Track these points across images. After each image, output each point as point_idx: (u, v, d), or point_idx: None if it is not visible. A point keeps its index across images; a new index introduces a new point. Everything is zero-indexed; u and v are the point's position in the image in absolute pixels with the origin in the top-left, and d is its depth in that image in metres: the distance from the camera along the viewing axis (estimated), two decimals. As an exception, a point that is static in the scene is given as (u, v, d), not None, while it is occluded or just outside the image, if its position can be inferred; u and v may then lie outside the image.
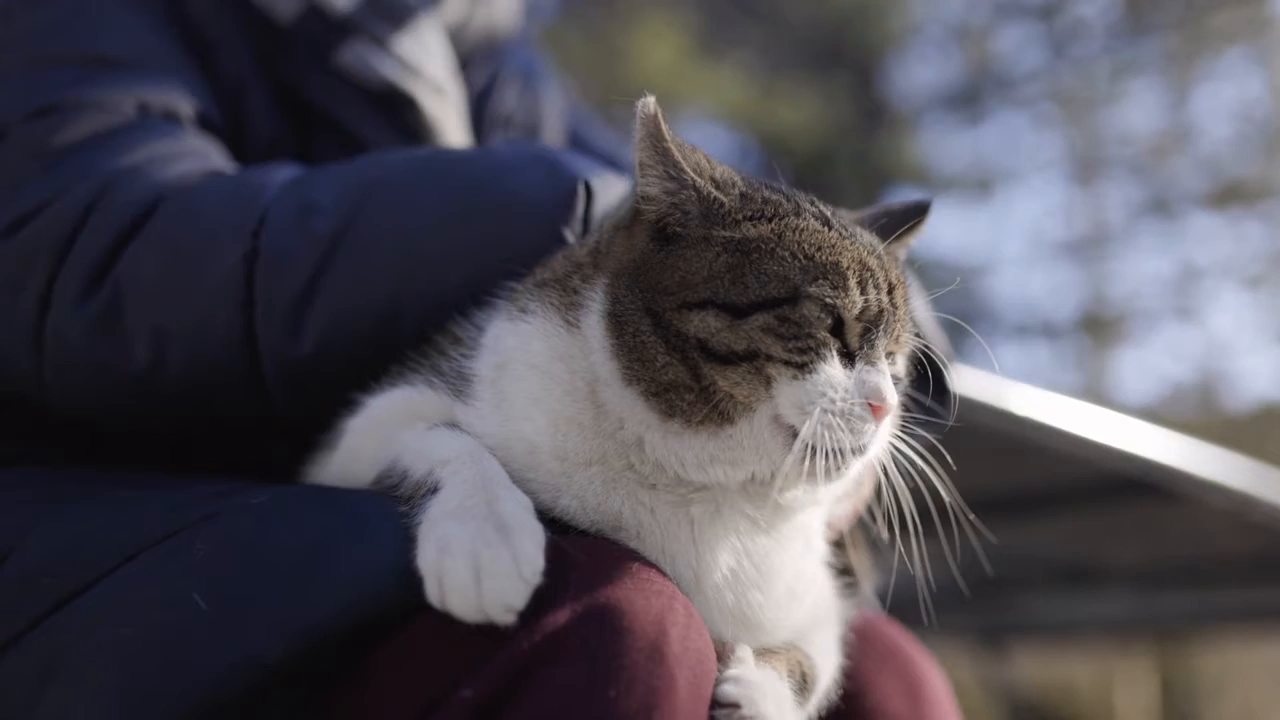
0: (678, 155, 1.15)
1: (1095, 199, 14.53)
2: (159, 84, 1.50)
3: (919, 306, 1.67)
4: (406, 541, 1.06)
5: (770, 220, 1.15)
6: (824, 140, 13.82)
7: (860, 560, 1.52)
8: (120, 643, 1.09)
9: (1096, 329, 14.30)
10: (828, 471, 1.10)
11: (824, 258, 1.12)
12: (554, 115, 2.11)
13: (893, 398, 1.11)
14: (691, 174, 1.15)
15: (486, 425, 1.21)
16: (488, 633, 1.01)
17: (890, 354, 1.18)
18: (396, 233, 1.35)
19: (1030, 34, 14.48)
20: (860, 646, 1.49)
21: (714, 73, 13.50)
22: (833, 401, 1.08)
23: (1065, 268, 15.16)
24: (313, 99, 1.68)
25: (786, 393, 1.09)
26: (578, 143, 2.09)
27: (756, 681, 1.11)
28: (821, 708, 1.34)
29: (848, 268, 1.12)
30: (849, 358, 1.12)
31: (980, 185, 15.01)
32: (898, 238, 1.27)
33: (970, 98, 14.54)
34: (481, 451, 1.17)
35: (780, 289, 1.10)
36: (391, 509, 1.12)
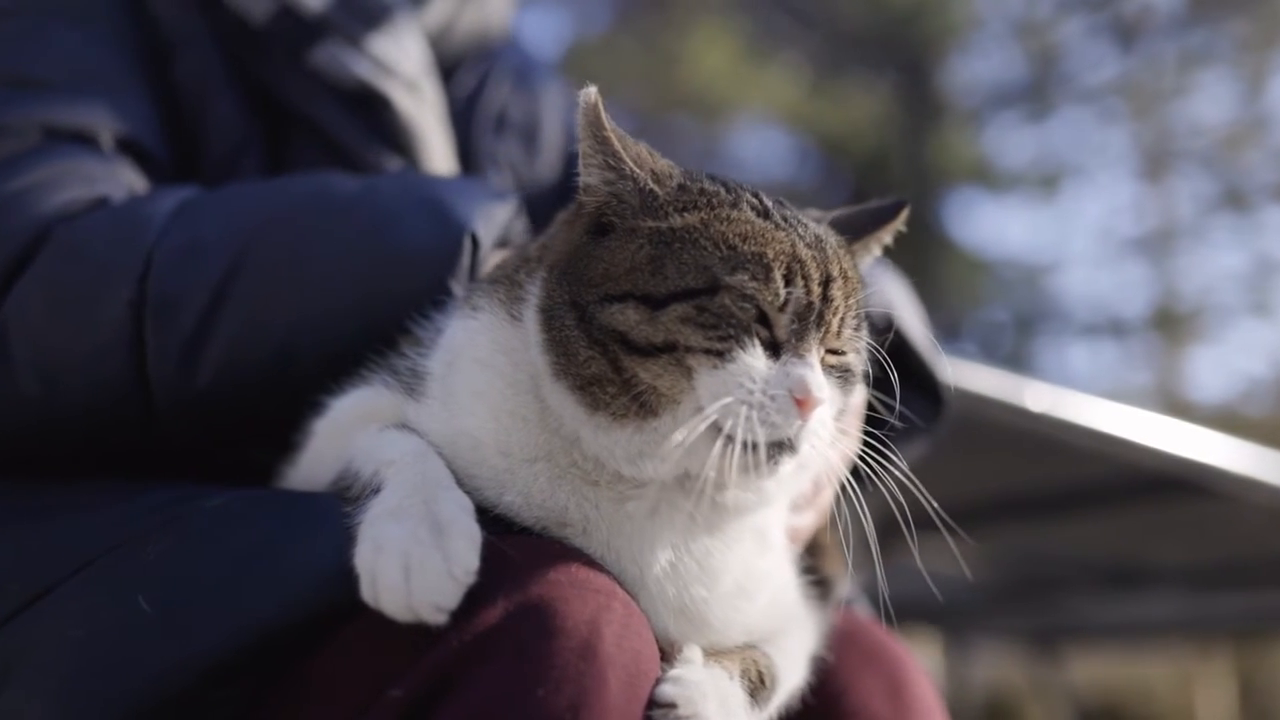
0: (617, 145, 1.13)
1: (1165, 194, 14.23)
2: (77, 105, 1.50)
3: (903, 305, 1.63)
4: (348, 542, 1.05)
5: (699, 210, 1.13)
6: (882, 140, 13.71)
7: (835, 566, 1.48)
8: (68, 645, 1.10)
9: (1168, 326, 14.00)
10: (756, 467, 1.07)
11: (748, 248, 1.09)
12: (554, 114, 2.09)
13: (819, 391, 1.07)
14: (630, 164, 1.13)
15: (434, 422, 1.20)
16: (420, 632, 1.00)
17: (834, 350, 1.14)
18: (285, 281, 1.34)
19: (1095, 25, 14.23)
20: (842, 647, 1.45)
21: (769, 76, 13.46)
22: (750, 392, 1.05)
23: (1135, 265, 14.89)
24: (287, 100, 1.67)
25: (706, 383, 1.06)
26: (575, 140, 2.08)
27: (697, 681, 1.08)
28: (786, 708, 1.31)
29: (773, 258, 1.09)
30: (777, 350, 1.09)
31: (1045, 182, 14.79)
32: (868, 235, 1.25)
33: (1033, 93, 14.32)
34: (427, 451, 1.17)
35: (699, 279, 1.08)
36: (338, 510, 1.11)
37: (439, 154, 1.77)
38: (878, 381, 1.33)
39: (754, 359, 1.06)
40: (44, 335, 1.33)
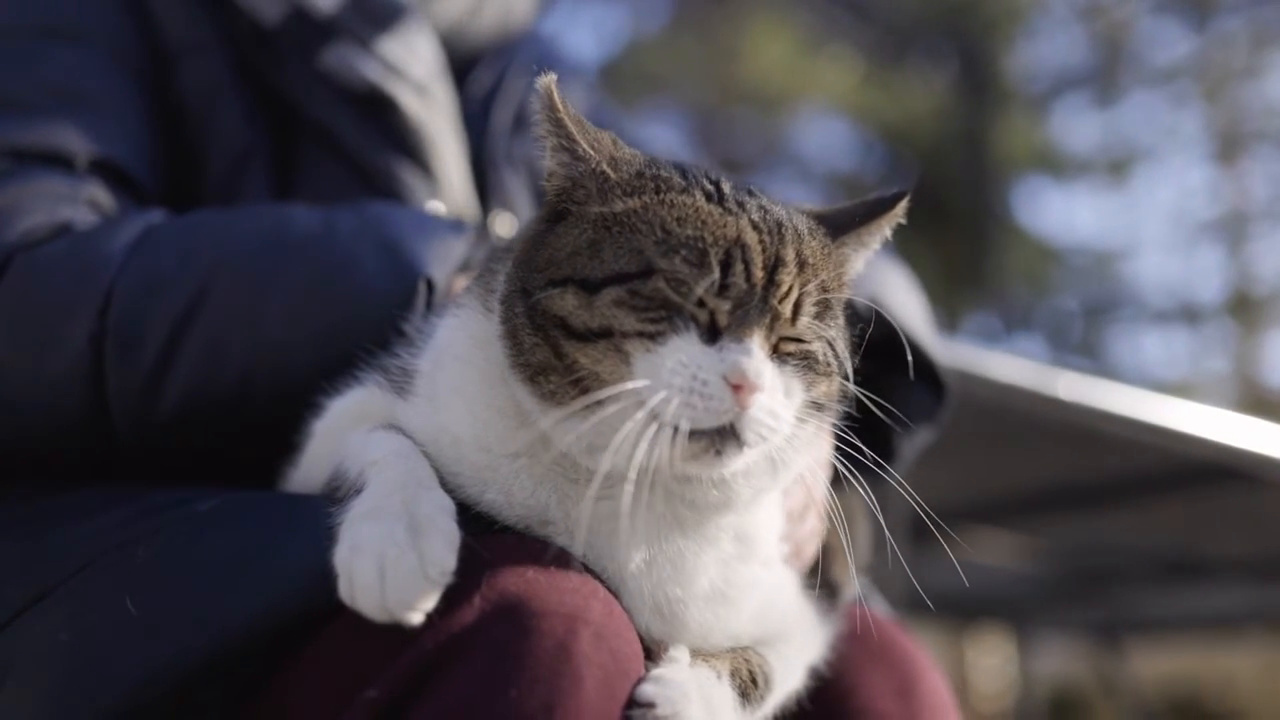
0: (572, 129, 1.13)
1: (1239, 176, 13.86)
2: (54, 127, 1.52)
3: (901, 295, 1.61)
4: (331, 543, 1.06)
5: (644, 195, 1.11)
6: (946, 129, 13.52)
7: (839, 570, 1.47)
8: (58, 648, 1.13)
9: (1244, 311, 13.64)
10: (696, 456, 1.06)
11: (685, 231, 1.07)
12: (577, 106, 2.09)
13: (756, 377, 1.04)
14: (585, 147, 1.13)
15: (419, 420, 1.21)
16: (396, 633, 1.01)
17: (791, 338, 1.11)
18: (242, 318, 1.37)
19: (1163, 4, 13.90)
20: (850, 644, 1.44)
21: (829, 68, 13.33)
22: (679, 376, 1.03)
23: (1209, 249, 14.53)
24: (296, 104, 1.69)
25: (641, 368, 1.05)
26: None
27: (679, 681, 1.08)
28: (788, 709, 1.31)
29: (711, 242, 1.07)
30: (718, 336, 1.07)
31: (1114, 168, 14.48)
32: (861, 227, 1.22)
33: (1100, 76, 14.03)
34: (411, 451, 1.17)
35: (632, 263, 1.07)
36: (323, 511, 1.12)
37: (450, 157, 1.78)
38: (872, 374, 1.32)
39: (687, 343, 1.05)
40: (3, 364, 1.37)
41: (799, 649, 1.32)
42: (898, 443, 1.64)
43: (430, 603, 1.00)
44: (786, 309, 1.09)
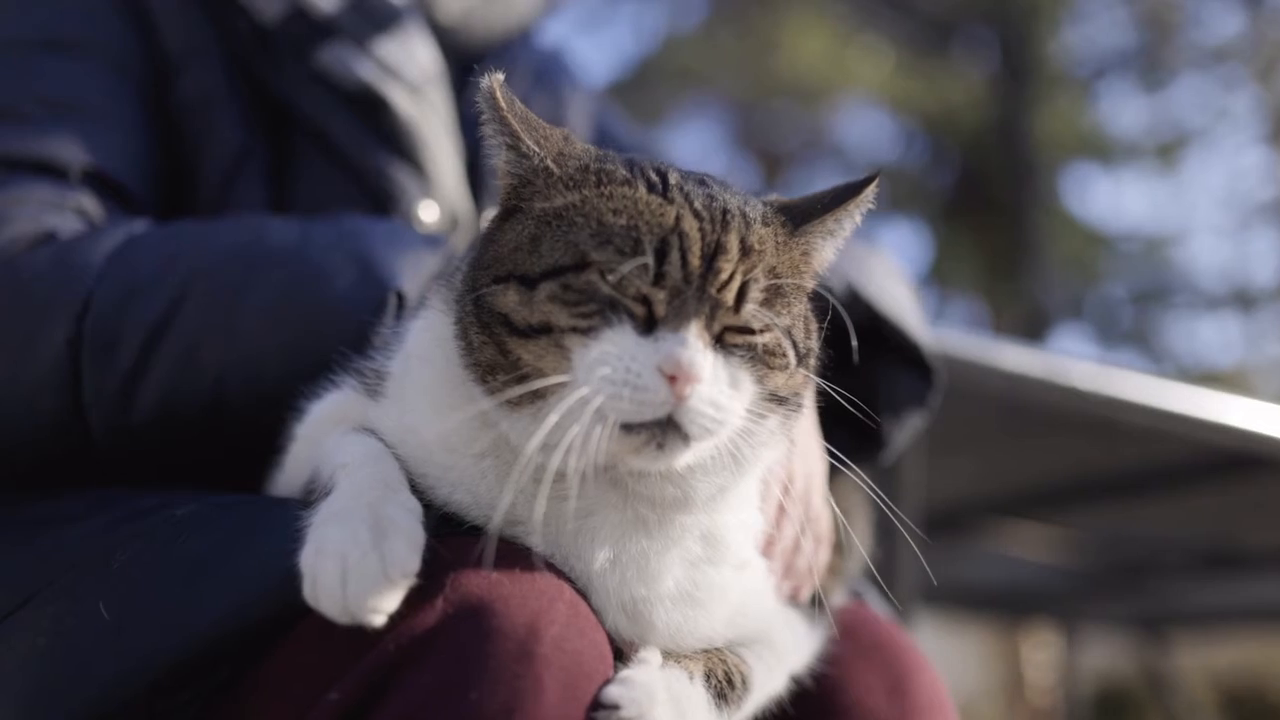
0: (517, 127, 1.12)
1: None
2: (46, 137, 1.54)
3: (881, 284, 1.60)
4: (300, 545, 1.06)
5: (584, 188, 1.10)
6: (988, 117, 13.36)
7: (829, 579, 1.46)
8: (35, 652, 1.15)
9: (1300, 296, 13.36)
10: (637, 450, 1.04)
11: (619, 222, 1.06)
12: (580, 115, 2.09)
13: (692, 367, 1.01)
14: (529, 144, 1.12)
15: (389, 422, 1.21)
16: (359, 635, 1.01)
17: (737, 328, 1.08)
18: (217, 327, 1.40)
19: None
20: (842, 641, 1.42)
21: (868, 58, 13.23)
22: (605, 367, 1.02)
23: (1263, 232, 14.24)
24: (292, 105, 1.70)
25: (578, 362, 1.04)
26: (604, 138, 2.07)
27: (644, 682, 1.07)
28: (775, 708, 1.30)
29: (645, 231, 1.05)
30: (655, 326, 1.04)
31: (1164, 151, 14.24)
32: (828, 213, 1.18)
33: (1147, 59, 13.78)
34: (381, 453, 1.17)
35: (566, 256, 1.06)
36: (294, 514, 1.11)
37: (444, 159, 1.78)
38: (857, 361, 1.30)
39: (620, 335, 1.03)
40: None
41: (781, 651, 1.30)
42: (887, 430, 1.63)
43: (392, 604, 1.01)
44: (728, 297, 1.07)
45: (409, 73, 1.77)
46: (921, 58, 13.48)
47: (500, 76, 1.13)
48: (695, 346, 1.03)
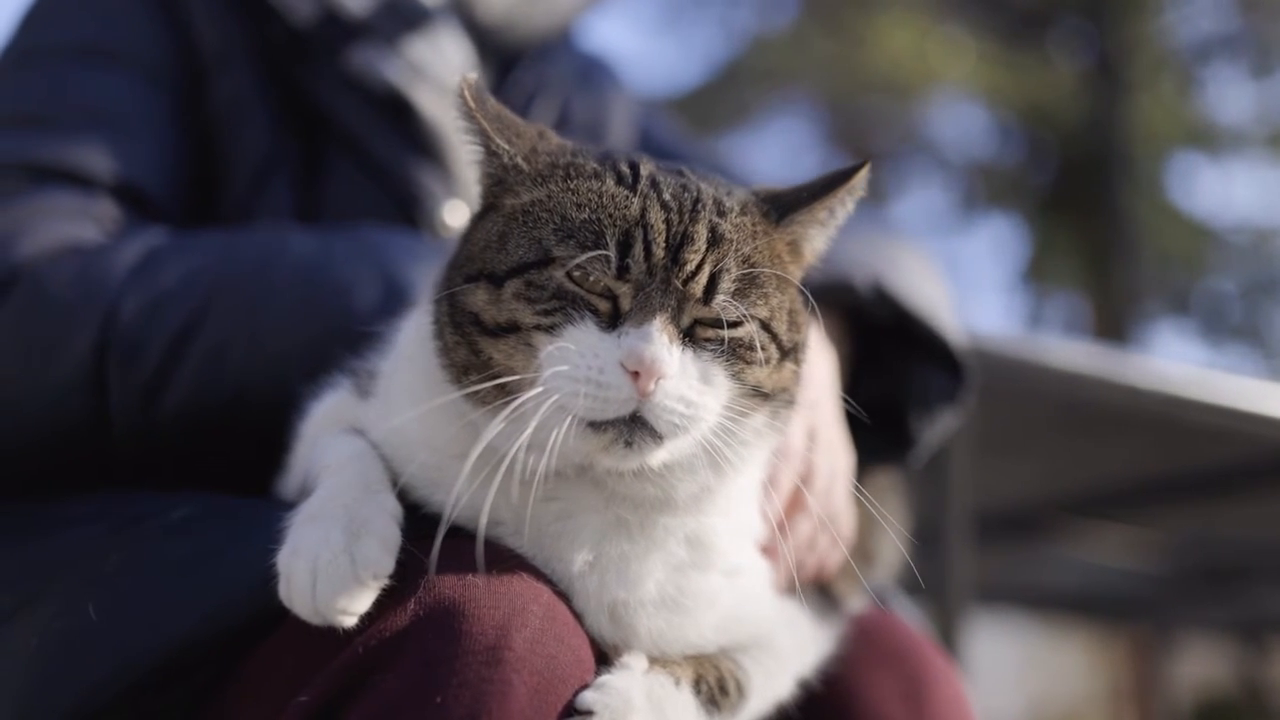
0: (487, 126, 1.11)
1: None
2: (76, 146, 1.56)
3: (909, 280, 1.55)
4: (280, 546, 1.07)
5: (551, 184, 1.09)
6: (1085, 110, 12.99)
7: (843, 583, 1.42)
8: (28, 653, 1.18)
9: None
10: (607, 448, 1.03)
11: (582, 215, 1.04)
12: (621, 113, 2.06)
13: (655, 363, 0.99)
14: (499, 142, 1.11)
15: (375, 421, 1.21)
16: (332, 637, 1.01)
17: (707, 321, 1.05)
18: (240, 337, 1.41)
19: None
20: (861, 646, 1.39)
21: (960, 52, 12.97)
22: (565, 363, 1.00)
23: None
24: (320, 107, 1.71)
25: (544, 359, 1.02)
26: (647, 140, 2.05)
27: (622, 688, 1.04)
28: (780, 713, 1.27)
29: (608, 224, 1.03)
30: (620, 321, 1.03)
31: (1274, 140, 13.70)
32: (815, 201, 1.15)
33: (1254, 44, 13.28)
34: (365, 453, 1.17)
35: (531, 252, 1.04)
36: (280, 515, 1.12)
37: None
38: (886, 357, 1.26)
39: (583, 331, 1.02)
40: (9, 374, 1.42)
41: (783, 656, 1.26)
42: (916, 428, 1.58)
43: (363, 605, 1.01)
44: (696, 289, 1.04)
45: (438, 74, 1.76)
46: (1015, 50, 13.16)
47: (471, 76, 1.12)
48: (659, 341, 1.00)
